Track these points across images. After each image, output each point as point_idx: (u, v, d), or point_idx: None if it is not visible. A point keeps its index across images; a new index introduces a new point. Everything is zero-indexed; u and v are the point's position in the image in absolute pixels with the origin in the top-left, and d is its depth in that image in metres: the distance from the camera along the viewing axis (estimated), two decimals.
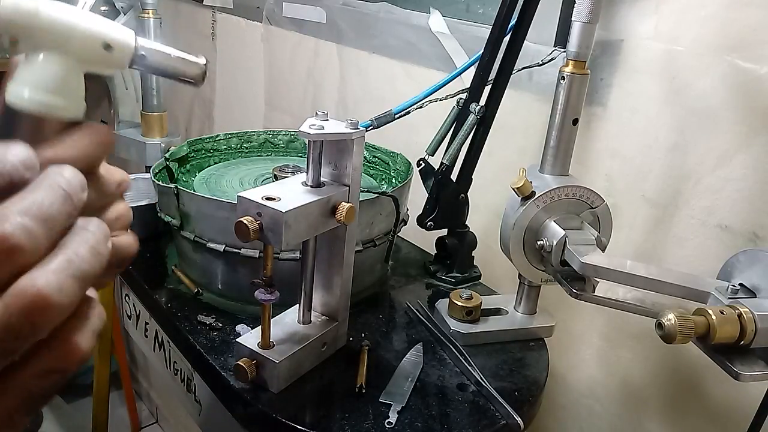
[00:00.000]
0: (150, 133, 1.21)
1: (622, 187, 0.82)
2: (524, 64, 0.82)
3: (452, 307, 0.76)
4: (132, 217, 0.33)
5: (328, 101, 1.32)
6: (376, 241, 0.81)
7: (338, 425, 0.61)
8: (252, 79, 1.53)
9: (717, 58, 0.70)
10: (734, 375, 0.54)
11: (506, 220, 0.71)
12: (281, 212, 0.55)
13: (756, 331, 0.53)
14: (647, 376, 0.84)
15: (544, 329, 0.78)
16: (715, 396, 0.77)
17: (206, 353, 0.70)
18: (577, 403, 0.93)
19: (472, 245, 0.90)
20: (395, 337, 0.77)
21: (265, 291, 0.61)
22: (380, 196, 0.78)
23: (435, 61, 1.03)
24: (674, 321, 0.52)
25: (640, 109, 0.79)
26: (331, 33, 1.25)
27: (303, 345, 0.65)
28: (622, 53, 0.79)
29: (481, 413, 0.64)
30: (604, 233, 0.71)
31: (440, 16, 1.02)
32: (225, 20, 1.59)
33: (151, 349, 0.95)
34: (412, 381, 0.68)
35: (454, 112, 0.82)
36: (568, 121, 0.69)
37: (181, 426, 1.90)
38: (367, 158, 0.99)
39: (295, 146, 1.06)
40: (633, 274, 0.61)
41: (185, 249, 0.83)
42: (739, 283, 0.59)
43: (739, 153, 0.70)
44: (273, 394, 0.64)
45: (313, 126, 0.59)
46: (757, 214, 0.70)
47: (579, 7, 0.65)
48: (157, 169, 0.88)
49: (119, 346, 1.83)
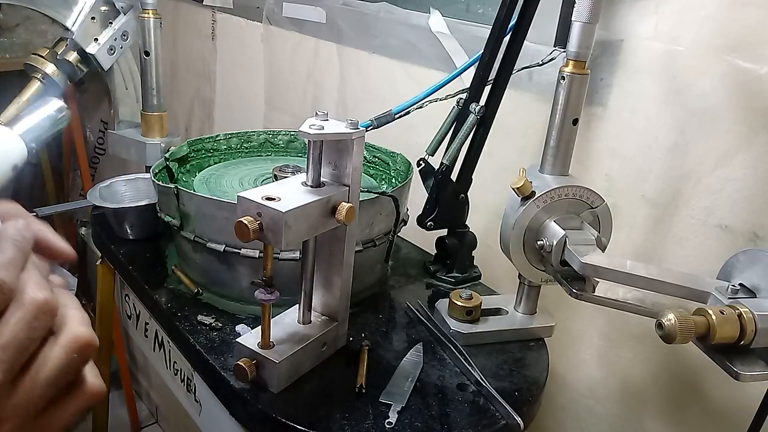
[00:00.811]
0: (150, 133, 1.21)
1: (622, 187, 0.82)
2: (524, 64, 0.82)
3: (452, 307, 0.76)
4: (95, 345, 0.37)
5: (328, 101, 1.32)
6: (376, 241, 0.81)
7: (338, 425, 0.61)
8: (252, 79, 1.53)
9: (717, 58, 0.70)
10: (734, 375, 0.54)
11: (506, 220, 0.71)
12: (281, 212, 0.55)
13: (756, 331, 0.53)
14: (647, 377, 0.84)
15: (544, 329, 0.78)
16: (715, 396, 0.77)
17: (206, 353, 0.70)
18: (577, 403, 0.93)
19: (472, 245, 0.90)
20: (395, 337, 0.77)
21: (265, 291, 0.61)
22: (380, 196, 0.78)
23: (435, 61, 1.03)
24: (674, 321, 0.52)
25: (640, 109, 0.79)
26: (331, 33, 1.25)
27: (303, 345, 0.65)
28: (622, 53, 0.79)
29: (481, 413, 0.64)
30: (604, 233, 0.71)
31: (440, 16, 1.02)
32: (225, 20, 1.59)
33: (151, 349, 0.95)
34: (412, 381, 0.68)
35: (454, 112, 0.82)
36: (568, 121, 0.69)
37: (181, 426, 1.90)
38: (367, 158, 0.99)
39: (295, 146, 1.06)
40: (633, 274, 0.61)
41: (185, 249, 0.83)
42: (739, 283, 0.59)
43: (739, 153, 0.70)
44: (273, 394, 0.64)
45: (313, 126, 0.59)
46: (757, 214, 0.70)
47: (579, 7, 0.65)
48: (157, 169, 0.88)
49: (119, 346, 1.83)
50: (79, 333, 0.34)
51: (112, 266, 1.03)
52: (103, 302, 1.18)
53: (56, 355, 0.33)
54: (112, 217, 0.97)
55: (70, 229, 2.29)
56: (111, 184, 1.04)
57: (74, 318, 0.35)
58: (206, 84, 1.72)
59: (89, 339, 0.34)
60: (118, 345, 1.81)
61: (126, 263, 0.91)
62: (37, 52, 1.24)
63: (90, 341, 0.34)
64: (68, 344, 0.34)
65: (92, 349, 0.35)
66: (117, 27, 1.21)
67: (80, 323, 0.35)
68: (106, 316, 1.22)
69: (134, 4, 1.20)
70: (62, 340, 0.34)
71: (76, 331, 0.34)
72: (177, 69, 1.82)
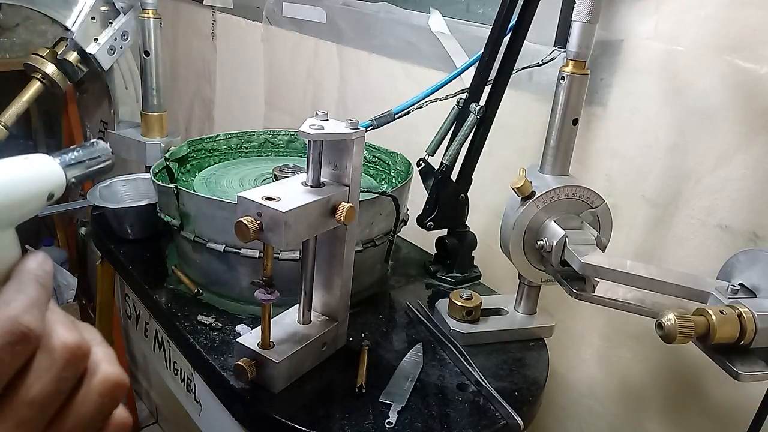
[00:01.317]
0: (150, 133, 1.21)
1: (622, 187, 0.82)
2: (524, 64, 0.82)
3: (452, 307, 0.76)
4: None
5: (328, 101, 1.32)
6: (376, 241, 0.81)
7: (338, 425, 0.61)
8: (252, 79, 1.53)
9: (717, 58, 0.70)
10: (734, 375, 0.54)
11: (506, 220, 0.71)
12: (281, 212, 0.55)
13: (756, 331, 0.53)
14: (647, 376, 0.84)
15: (544, 329, 0.78)
16: (715, 396, 0.77)
17: (206, 353, 0.70)
18: (577, 403, 0.93)
19: (472, 245, 0.90)
20: (395, 337, 0.77)
21: (265, 291, 0.61)
22: (380, 196, 0.78)
23: (435, 61, 1.03)
24: (674, 321, 0.52)
25: (640, 109, 0.79)
26: (331, 33, 1.25)
27: (303, 345, 0.65)
28: (622, 53, 0.79)
29: (481, 413, 0.64)
30: (604, 233, 0.71)
31: (440, 16, 1.02)
32: (225, 20, 1.59)
33: (151, 349, 0.95)
34: (412, 381, 0.68)
35: (454, 112, 0.82)
36: (568, 121, 0.69)
37: (181, 426, 1.90)
38: (367, 158, 0.99)
39: (295, 146, 1.06)
40: (633, 274, 0.61)
41: (185, 249, 0.83)
42: (739, 283, 0.59)
43: (739, 153, 0.70)
44: (273, 394, 0.64)
45: (313, 126, 0.59)
46: (757, 214, 0.70)
47: (579, 7, 0.65)
48: (157, 169, 0.88)
49: (119, 346, 1.83)
50: (110, 375, 0.31)
51: (112, 266, 1.03)
52: (103, 302, 1.18)
53: (88, 401, 0.31)
54: (112, 217, 0.97)
55: (70, 229, 2.29)
56: (111, 184, 1.04)
57: (102, 357, 0.32)
58: (206, 84, 1.72)
59: (121, 380, 0.32)
60: (118, 345, 1.81)
61: (126, 263, 0.91)
62: (37, 52, 1.25)
63: (122, 382, 0.32)
64: (100, 389, 0.31)
65: (124, 390, 0.32)
66: (117, 27, 1.21)
67: (110, 362, 0.32)
68: (106, 316, 1.22)
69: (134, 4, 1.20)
70: (94, 386, 0.31)
71: (107, 373, 0.31)
72: (177, 69, 1.82)
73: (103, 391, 0.31)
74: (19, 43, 1.84)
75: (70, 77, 1.26)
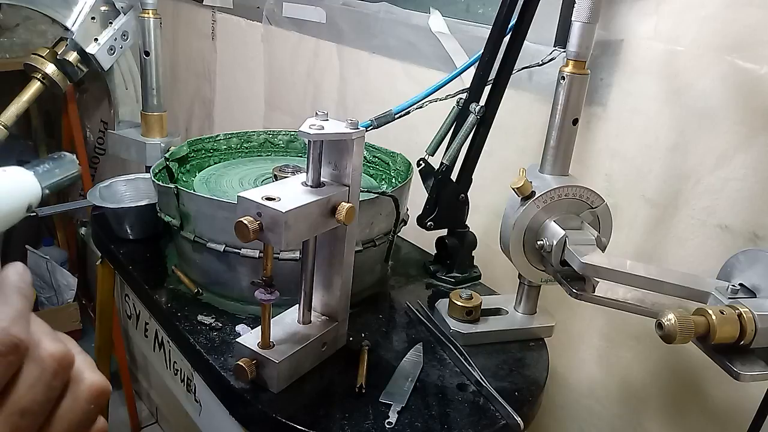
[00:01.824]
0: (150, 133, 1.21)
1: (622, 187, 0.82)
2: (524, 64, 0.82)
3: (452, 307, 0.76)
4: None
5: (328, 101, 1.32)
6: (376, 241, 0.81)
7: (338, 425, 0.61)
8: (252, 79, 1.53)
9: (717, 58, 0.70)
10: (734, 375, 0.54)
11: (506, 220, 0.71)
12: (281, 212, 0.55)
13: (756, 331, 0.53)
14: (647, 376, 0.84)
15: (544, 329, 0.78)
16: (715, 396, 0.77)
17: (206, 353, 0.70)
18: (577, 403, 0.93)
19: (472, 245, 0.90)
20: (395, 337, 0.77)
21: (265, 291, 0.61)
22: (380, 196, 0.78)
23: (435, 61, 1.03)
24: (674, 321, 0.52)
25: (640, 109, 0.79)
26: (331, 33, 1.25)
27: (303, 345, 0.65)
28: (622, 53, 0.79)
29: (481, 413, 0.64)
30: (604, 233, 0.71)
31: (440, 16, 1.02)
32: (225, 20, 1.59)
33: (151, 349, 0.95)
34: (412, 381, 0.68)
35: (454, 112, 0.82)
36: (568, 121, 0.69)
37: (181, 426, 1.90)
38: (367, 158, 0.99)
39: (295, 146, 1.06)
40: (633, 274, 0.61)
41: (185, 249, 0.83)
42: (739, 283, 0.59)
43: (739, 153, 0.70)
44: (273, 394, 0.64)
45: (313, 126, 0.59)
46: (757, 214, 0.70)
47: (579, 7, 0.65)
48: (157, 169, 0.88)
49: (119, 346, 1.83)
50: (95, 382, 0.32)
51: (112, 266, 1.03)
52: (103, 302, 1.18)
53: (76, 409, 0.32)
54: (112, 217, 0.97)
55: (70, 229, 2.29)
56: (111, 184, 1.04)
57: (84, 365, 0.33)
58: (206, 84, 1.72)
59: (104, 387, 0.33)
60: (118, 345, 1.81)
61: (126, 263, 0.91)
62: (37, 52, 1.24)
63: (105, 389, 0.33)
64: (85, 396, 0.32)
65: (107, 396, 0.33)
66: (117, 27, 1.21)
67: (92, 370, 0.33)
68: (106, 316, 1.22)
69: (134, 4, 1.20)
70: (79, 393, 0.32)
71: (92, 380, 0.32)
72: (177, 69, 1.82)
73: (90, 398, 0.32)
74: (19, 43, 1.84)
75: (70, 77, 1.26)
